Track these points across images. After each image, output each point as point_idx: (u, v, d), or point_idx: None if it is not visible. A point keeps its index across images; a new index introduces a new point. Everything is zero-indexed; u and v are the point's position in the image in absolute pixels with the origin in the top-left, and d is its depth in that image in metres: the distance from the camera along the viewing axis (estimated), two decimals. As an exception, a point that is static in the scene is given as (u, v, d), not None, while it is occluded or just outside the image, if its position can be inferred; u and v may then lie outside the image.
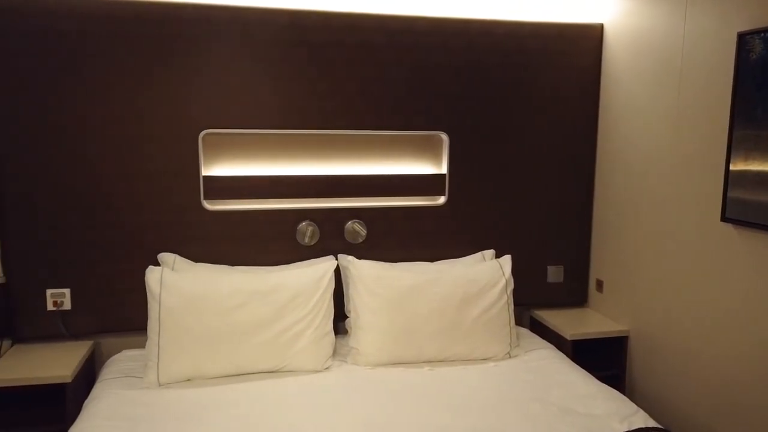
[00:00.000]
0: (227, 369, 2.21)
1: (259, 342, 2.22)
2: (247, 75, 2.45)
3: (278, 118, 2.51)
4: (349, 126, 2.58)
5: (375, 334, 2.35)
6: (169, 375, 2.15)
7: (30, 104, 2.27)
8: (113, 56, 2.31)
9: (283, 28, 2.45)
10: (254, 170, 2.57)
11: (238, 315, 2.21)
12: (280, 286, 2.29)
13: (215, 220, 2.51)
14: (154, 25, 2.33)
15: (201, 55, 2.39)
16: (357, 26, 2.51)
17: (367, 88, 2.57)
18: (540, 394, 2.11)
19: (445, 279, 2.43)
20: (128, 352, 2.42)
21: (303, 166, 2.62)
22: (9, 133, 2.27)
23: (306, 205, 2.60)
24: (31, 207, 2.32)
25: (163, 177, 2.43)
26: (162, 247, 2.46)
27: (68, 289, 2.38)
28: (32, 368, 2.15)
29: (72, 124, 2.32)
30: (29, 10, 2.21)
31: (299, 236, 2.59)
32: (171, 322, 2.17)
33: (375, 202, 2.67)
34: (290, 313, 2.27)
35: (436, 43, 2.60)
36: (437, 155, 2.75)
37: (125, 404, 2.00)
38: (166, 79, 2.38)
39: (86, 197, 2.37)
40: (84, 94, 2.31)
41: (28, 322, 2.37)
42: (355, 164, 2.67)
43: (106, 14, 2.27)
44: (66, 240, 2.36)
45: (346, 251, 2.63)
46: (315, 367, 2.28)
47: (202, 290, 2.22)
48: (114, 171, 2.38)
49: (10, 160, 2.29)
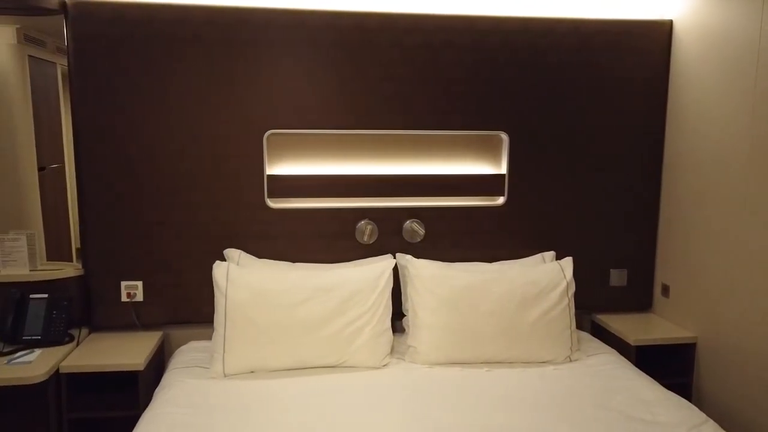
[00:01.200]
0: (289, 362, 2.27)
1: (320, 337, 2.27)
2: (310, 76, 2.51)
3: (340, 119, 2.56)
4: (408, 126, 2.60)
5: (433, 333, 2.36)
6: (234, 366, 2.23)
7: (109, 106, 2.41)
8: (186, 60, 2.42)
9: (346, 30, 2.49)
10: (316, 169, 2.63)
11: (300, 310, 2.27)
12: (340, 284, 2.34)
13: (278, 218, 2.58)
14: (223, 29, 2.42)
15: (267, 58, 2.47)
16: (418, 27, 2.53)
17: (427, 88, 2.58)
18: (602, 399, 2.06)
19: (504, 280, 2.41)
20: (195, 344, 2.52)
21: (363, 166, 2.66)
22: (91, 134, 2.42)
23: (365, 204, 2.64)
24: (108, 204, 2.46)
25: (231, 176, 2.52)
26: (228, 243, 2.55)
27: (140, 281, 2.51)
28: (108, 356, 2.28)
29: (147, 124, 2.44)
30: (109, 18, 2.34)
31: (358, 235, 2.62)
32: (236, 315, 2.25)
33: (433, 202, 2.68)
34: (350, 310, 2.31)
35: (497, 42, 2.59)
36: (496, 155, 2.73)
37: (193, 393, 2.09)
38: (234, 81, 2.46)
39: (159, 195, 2.48)
40: (159, 95, 2.43)
41: (104, 312, 2.51)
42: (414, 164, 2.69)
43: (179, 19, 2.38)
44: (139, 235, 2.49)
45: (404, 250, 2.65)
46: (373, 364, 2.31)
47: (266, 285, 2.29)
48: (185, 170, 2.49)
49: (91, 159, 2.43)
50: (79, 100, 2.39)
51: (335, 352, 2.29)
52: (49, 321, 2.31)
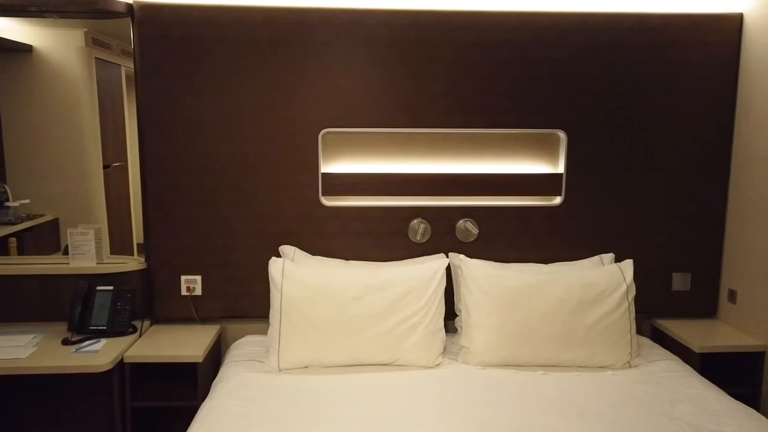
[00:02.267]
0: (342, 359, 2.29)
1: (373, 335, 2.27)
2: (365, 75, 2.52)
3: (394, 117, 2.56)
4: (463, 124, 2.58)
5: (486, 334, 2.32)
6: (288, 361, 2.27)
7: (172, 105, 2.49)
8: (244, 59, 2.47)
9: (399, 29, 2.49)
10: (369, 168, 2.64)
11: (354, 308, 2.28)
12: (394, 282, 2.34)
13: (332, 216, 2.60)
14: (280, 29, 2.46)
15: (322, 57, 2.49)
16: (473, 24, 2.50)
17: (482, 86, 2.55)
18: (665, 407, 1.98)
19: (561, 282, 2.36)
20: (251, 338, 2.57)
21: (416, 164, 2.65)
22: (154, 133, 2.50)
23: (418, 203, 2.63)
24: (170, 201, 2.54)
25: (286, 174, 2.55)
26: (283, 239, 2.59)
27: (199, 276, 2.58)
28: (169, 347, 2.35)
29: (207, 123, 2.51)
30: (172, 20, 2.42)
31: (411, 233, 2.62)
32: (291, 311, 2.28)
33: (487, 201, 2.64)
34: (403, 309, 2.31)
35: (555, 39, 2.53)
36: (553, 154, 2.67)
37: (250, 386, 2.13)
38: (290, 80, 2.50)
39: (217, 192, 2.55)
40: (218, 95, 2.49)
41: (165, 304, 2.59)
42: (468, 163, 2.66)
43: (238, 20, 2.43)
44: (199, 231, 2.56)
45: (457, 249, 2.62)
46: (426, 363, 2.30)
47: (321, 282, 2.31)
48: (242, 168, 2.54)
49: (154, 157, 2.52)
50: (144, 100, 2.48)
51: (388, 350, 2.29)
52: (114, 312, 2.41)
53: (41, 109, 3.59)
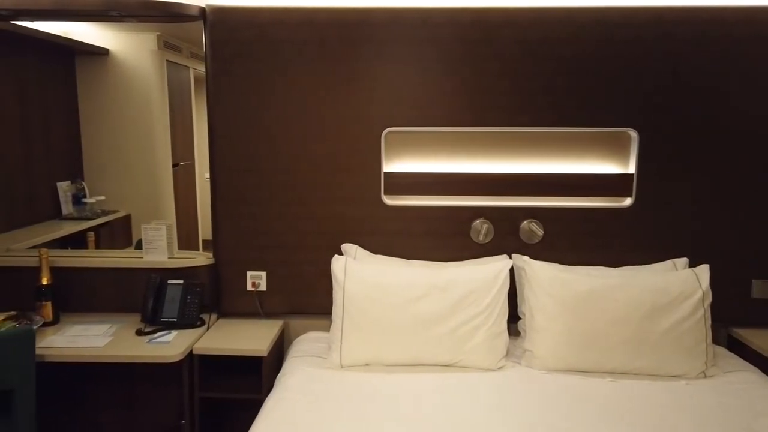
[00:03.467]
0: (403, 358, 2.29)
1: (434, 335, 2.26)
2: (428, 74, 2.51)
3: (458, 116, 2.54)
4: (528, 123, 2.53)
5: (551, 338, 2.27)
6: (350, 358, 2.28)
7: (240, 105, 2.55)
8: (310, 60, 2.51)
9: (464, 27, 2.46)
10: (432, 167, 2.62)
11: (416, 307, 2.27)
12: (456, 282, 2.31)
13: (393, 215, 2.60)
14: (346, 29, 2.48)
15: (387, 56, 2.50)
16: (540, 21, 2.45)
17: (549, 84, 2.49)
18: (744, 420, 1.88)
19: (631, 286, 2.27)
20: (313, 334, 2.61)
21: (480, 164, 2.62)
22: (223, 132, 2.57)
23: (481, 203, 2.60)
24: (237, 198, 2.61)
25: (349, 172, 2.58)
26: (345, 238, 2.61)
27: (264, 272, 2.64)
28: (235, 341, 2.41)
29: (273, 122, 2.56)
30: (242, 22, 2.48)
31: (473, 234, 2.59)
32: (354, 308, 2.30)
33: (553, 202, 2.58)
34: (465, 310, 2.28)
35: (627, 35, 2.44)
36: (623, 154, 2.58)
37: (312, 381, 2.16)
38: (355, 80, 2.52)
39: (282, 190, 2.59)
40: (284, 95, 2.54)
41: (231, 299, 2.67)
42: (533, 162, 2.60)
43: (306, 21, 2.47)
44: (264, 228, 2.61)
45: (521, 251, 2.57)
46: (488, 366, 2.27)
47: (383, 281, 2.32)
48: (307, 166, 2.58)
49: (223, 156, 2.59)
50: (214, 100, 2.55)
51: (449, 351, 2.27)
52: (184, 305, 2.49)
53: (116, 109, 3.77)
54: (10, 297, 2.59)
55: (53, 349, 2.20)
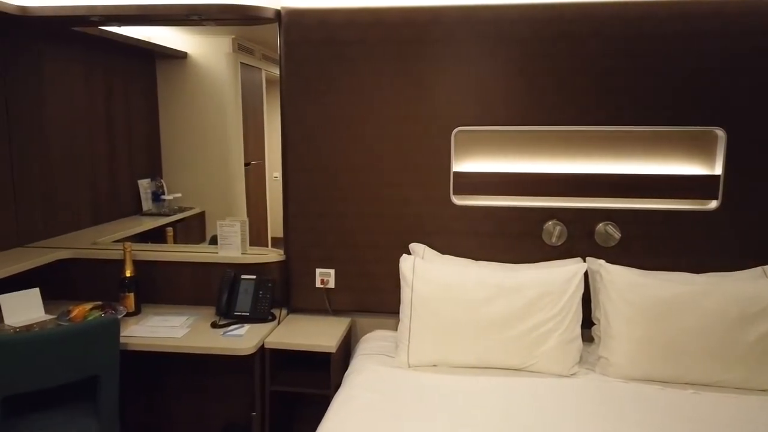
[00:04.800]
0: (472, 360, 2.25)
1: (504, 338, 2.22)
2: (500, 72, 2.46)
3: (530, 115, 2.48)
4: (605, 121, 2.44)
5: (629, 346, 2.18)
6: (418, 358, 2.27)
7: (311, 105, 2.59)
8: (380, 59, 2.52)
9: (538, 23, 2.40)
10: (502, 167, 2.58)
11: (485, 309, 2.24)
12: (527, 285, 2.26)
13: (462, 215, 2.58)
14: (416, 28, 2.47)
15: (458, 55, 2.47)
16: (619, 16, 2.35)
17: (629, 80, 2.39)
18: None
19: (716, 293, 2.15)
20: (379, 332, 2.62)
21: (552, 163, 2.55)
22: (296, 132, 2.62)
23: (553, 204, 2.53)
24: (308, 197, 2.65)
25: (418, 172, 2.57)
26: (413, 237, 2.61)
27: (333, 269, 2.67)
28: (305, 336, 2.45)
29: (343, 122, 2.59)
30: (314, 24, 2.52)
31: (545, 235, 2.52)
32: (422, 308, 2.29)
33: (631, 204, 2.48)
34: (537, 313, 2.23)
35: (715, 28, 2.31)
36: (709, 154, 2.44)
37: (381, 380, 2.16)
38: (425, 79, 2.51)
39: (351, 189, 2.62)
40: (354, 95, 2.56)
41: (300, 295, 2.72)
42: (609, 162, 2.51)
43: (378, 21, 2.49)
44: (334, 226, 2.65)
45: (595, 254, 2.48)
46: (560, 372, 2.21)
47: (451, 281, 2.29)
48: (375, 166, 2.59)
49: (295, 156, 2.64)
50: (287, 100, 2.61)
51: (520, 355, 2.22)
52: (256, 300, 2.56)
53: (193, 110, 3.94)
54: (96, 288, 2.75)
55: (135, 339, 2.31)
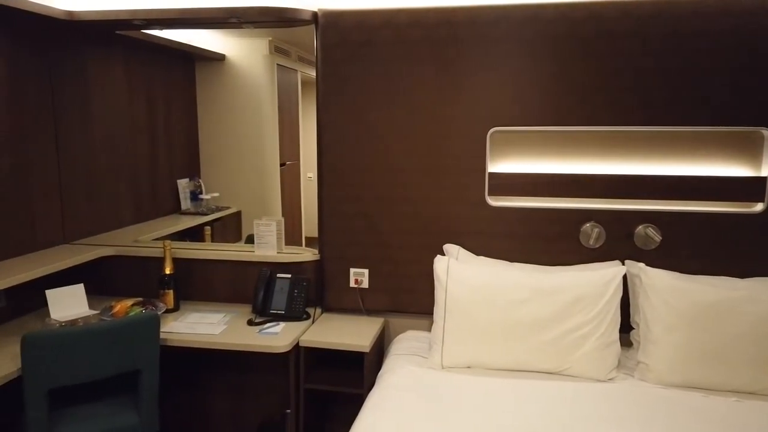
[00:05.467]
0: (506, 362, 2.24)
1: (540, 341, 2.19)
2: (537, 72, 2.44)
3: (567, 115, 2.44)
4: (646, 121, 2.38)
5: (669, 351, 2.12)
6: (451, 359, 2.27)
7: (347, 106, 2.61)
8: (416, 60, 2.52)
9: (577, 22, 2.37)
10: (537, 167, 2.55)
11: (520, 311, 2.21)
12: (564, 287, 2.23)
13: (497, 216, 2.56)
14: (453, 28, 2.47)
15: (495, 55, 2.46)
16: (663, 14, 2.30)
17: (670, 80, 2.33)
18: None
19: (762, 299, 2.08)
20: (413, 333, 2.62)
21: (590, 164, 2.51)
22: (331, 133, 2.64)
23: (591, 206, 2.48)
24: (342, 197, 2.67)
25: (453, 173, 2.56)
26: (447, 238, 2.60)
27: (367, 270, 2.68)
28: (339, 335, 2.47)
29: (378, 122, 2.60)
30: (351, 25, 2.53)
31: (583, 237, 2.48)
32: (456, 309, 2.28)
33: (672, 206, 2.42)
34: (574, 316, 2.19)
35: (760, 26, 2.23)
36: (755, 155, 2.36)
37: (414, 380, 2.16)
38: (460, 79, 2.50)
39: (386, 189, 2.63)
40: (389, 95, 2.57)
41: (334, 294, 2.74)
42: (649, 163, 2.45)
43: (415, 22, 2.49)
44: (368, 226, 2.66)
45: (634, 257, 2.43)
46: (598, 376, 2.17)
47: (486, 282, 2.28)
48: (410, 166, 2.59)
49: (330, 156, 2.66)
50: (324, 101, 2.63)
51: (556, 359, 2.19)
52: (291, 298, 2.59)
53: (230, 111, 4.01)
54: (137, 284, 2.83)
55: (175, 335, 2.36)
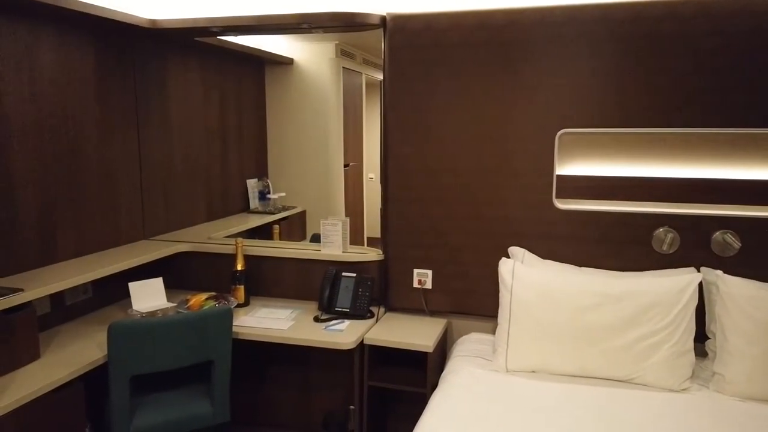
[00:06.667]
0: (572, 369, 2.20)
1: (609, 348, 2.15)
2: (608, 72, 2.38)
3: (639, 116, 2.38)
4: (725, 123, 2.29)
5: (748, 363, 2.03)
6: (516, 363, 2.25)
7: (412, 108, 2.64)
8: (482, 62, 2.52)
9: (652, 21, 2.30)
10: (607, 170, 2.49)
11: (589, 316, 2.17)
12: (635, 293, 2.17)
13: (564, 219, 2.52)
14: (521, 30, 2.45)
15: (563, 56, 2.42)
16: (742, 11, 2.20)
17: (753, 80, 2.23)
18: None
19: None
20: (476, 335, 2.62)
21: (663, 167, 2.43)
22: (396, 135, 2.68)
23: (665, 210, 2.40)
24: (406, 198, 2.70)
25: (519, 174, 2.54)
26: (512, 240, 2.58)
27: (430, 270, 2.70)
28: (402, 334, 2.50)
29: (443, 124, 2.61)
30: (419, 28, 2.56)
31: (656, 243, 2.41)
32: (521, 313, 2.27)
33: (753, 212, 2.31)
34: (646, 323, 2.13)
35: None
36: None
37: (478, 382, 2.17)
38: (528, 81, 2.48)
39: (450, 191, 2.63)
40: (455, 97, 2.57)
41: (398, 294, 2.77)
42: (728, 167, 2.35)
43: (482, 24, 2.49)
44: (433, 227, 2.67)
45: (710, 264, 2.34)
46: (670, 386, 2.10)
47: (553, 286, 2.25)
48: (475, 168, 2.59)
49: (395, 158, 2.69)
50: (390, 103, 2.67)
51: (626, 367, 2.14)
52: (356, 297, 2.65)
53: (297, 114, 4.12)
54: (210, 279, 2.96)
55: (246, 328, 2.46)
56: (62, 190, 2.50)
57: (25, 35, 2.31)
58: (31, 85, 2.34)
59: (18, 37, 2.28)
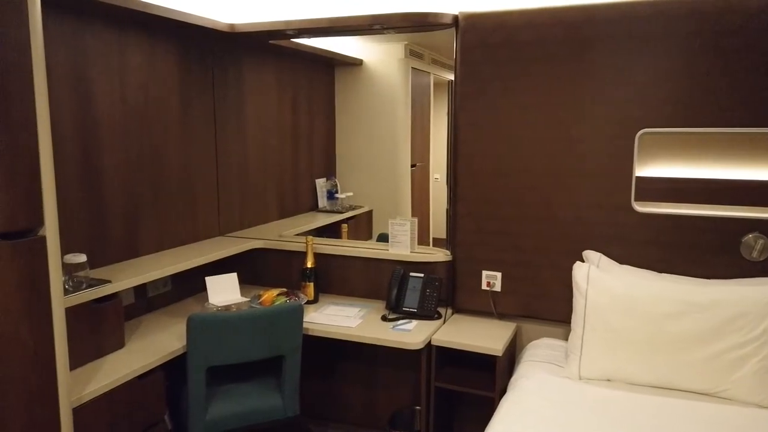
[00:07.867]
0: (651, 379, 2.11)
1: (692, 359, 2.04)
2: (691, 69, 2.26)
3: (728, 115, 2.24)
4: (826, 122, 2.13)
5: None
6: (590, 370, 2.18)
7: (483, 108, 2.60)
8: (557, 60, 2.45)
9: (744, 16, 2.16)
10: (690, 172, 2.37)
11: (670, 325, 2.07)
12: (722, 302, 2.05)
13: (644, 223, 2.41)
14: (598, 26, 2.37)
15: (642, 53, 2.32)
16: None
17: None
18: None
19: None
20: (547, 340, 2.55)
21: (750, 169, 2.28)
22: (467, 135, 2.65)
23: (755, 215, 2.26)
24: (476, 199, 2.66)
25: (594, 176, 2.46)
26: (587, 244, 2.50)
27: (500, 272, 2.65)
28: (470, 337, 2.47)
29: (515, 124, 2.56)
30: (491, 27, 2.52)
31: (744, 249, 2.26)
32: (596, 319, 2.19)
33: None
34: (733, 334, 2.01)
35: None
36: None
37: (549, 389, 2.11)
38: (605, 79, 2.39)
39: (521, 192, 2.58)
40: (528, 96, 2.52)
41: (466, 296, 2.74)
42: (829, 169, 2.18)
43: (558, 21, 2.42)
44: (503, 229, 2.63)
45: (806, 274, 2.18)
46: (759, 402, 1.97)
47: (631, 293, 2.16)
48: (547, 168, 2.53)
49: (464, 158, 2.67)
50: (461, 103, 2.64)
51: (710, 379, 2.03)
52: (423, 297, 2.64)
53: (365, 114, 4.16)
54: (281, 275, 3.04)
55: (315, 325, 2.51)
56: (145, 187, 2.63)
57: (116, 40, 2.45)
58: (121, 88, 2.48)
59: (110, 42, 2.42)
